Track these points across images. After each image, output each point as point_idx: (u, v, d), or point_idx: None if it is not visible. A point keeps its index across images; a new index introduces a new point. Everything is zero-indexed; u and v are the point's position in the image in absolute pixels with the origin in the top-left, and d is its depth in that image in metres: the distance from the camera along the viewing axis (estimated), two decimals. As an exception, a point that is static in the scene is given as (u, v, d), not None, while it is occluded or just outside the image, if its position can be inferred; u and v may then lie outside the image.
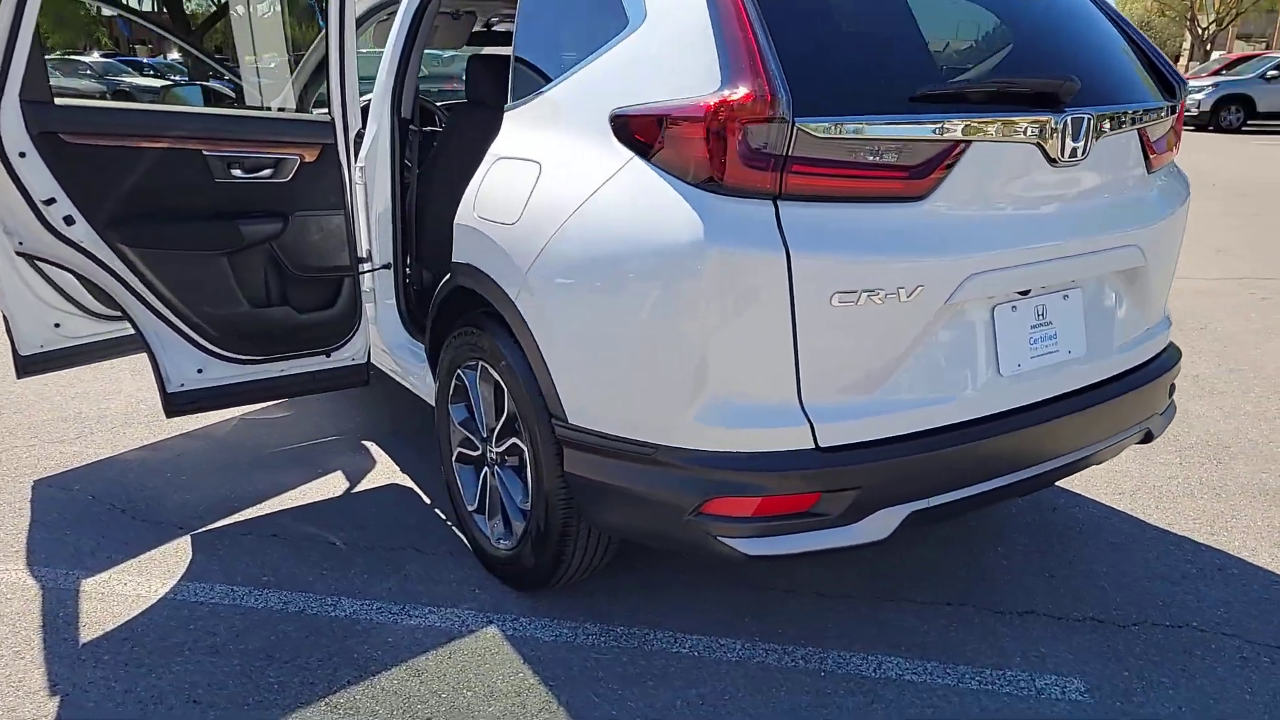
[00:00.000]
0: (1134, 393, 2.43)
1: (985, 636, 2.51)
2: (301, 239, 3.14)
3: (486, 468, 2.72)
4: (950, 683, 2.33)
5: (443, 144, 3.57)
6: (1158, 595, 2.69)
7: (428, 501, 3.27)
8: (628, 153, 2.08)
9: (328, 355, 3.30)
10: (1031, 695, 2.29)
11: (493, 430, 2.64)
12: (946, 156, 1.99)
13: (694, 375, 1.98)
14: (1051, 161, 2.13)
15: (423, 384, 3.27)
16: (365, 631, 2.53)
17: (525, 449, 2.45)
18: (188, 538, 3.04)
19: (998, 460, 2.20)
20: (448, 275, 2.70)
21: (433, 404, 3.17)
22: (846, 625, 2.56)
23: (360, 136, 3.25)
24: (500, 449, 2.61)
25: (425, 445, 3.73)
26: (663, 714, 2.22)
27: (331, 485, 3.41)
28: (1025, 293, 2.19)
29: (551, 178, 2.25)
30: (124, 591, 2.73)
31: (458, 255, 2.59)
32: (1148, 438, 2.59)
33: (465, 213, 2.53)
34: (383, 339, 3.50)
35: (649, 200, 2.00)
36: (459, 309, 2.74)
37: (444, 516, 3.15)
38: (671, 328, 1.98)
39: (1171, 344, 2.70)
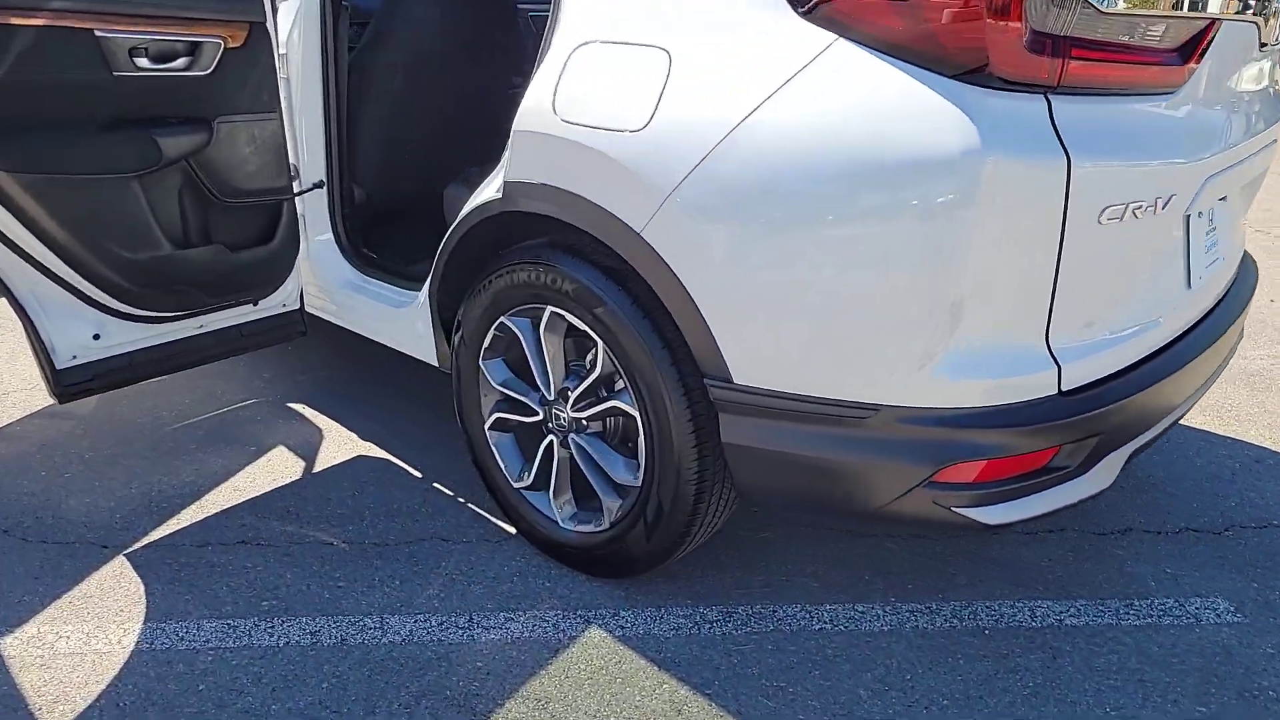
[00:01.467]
0: (1250, 295, 2.32)
1: (1108, 562, 2.37)
2: (230, 153, 2.39)
3: (552, 436, 2.20)
4: (1111, 621, 2.17)
5: (381, 28, 2.84)
6: (1225, 496, 2.67)
7: (418, 475, 2.69)
8: (826, 34, 1.61)
9: (255, 303, 2.60)
10: (1191, 622, 2.17)
11: (565, 392, 2.13)
12: (1203, 38, 1.69)
13: (944, 319, 1.60)
14: (1261, 45, 1.89)
15: (390, 328, 2.65)
16: (442, 657, 2.00)
17: (637, 414, 1.97)
18: (122, 559, 2.30)
19: (1189, 382, 2.00)
20: (491, 197, 2.10)
21: (410, 353, 2.58)
22: (968, 570, 2.33)
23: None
24: (584, 414, 2.10)
25: (374, 402, 3.09)
26: (849, 709, 1.90)
27: (282, 466, 2.72)
28: (1224, 198, 1.97)
29: (693, 70, 1.73)
30: (71, 648, 2.01)
31: (520, 172, 2.00)
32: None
33: (536, 115, 1.94)
34: (318, 277, 2.82)
35: (884, 97, 1.55)
36: (500, 240, 2.17)
37: (451, 493, 2.59)
38: (920, 262, 1.58)
39: None
